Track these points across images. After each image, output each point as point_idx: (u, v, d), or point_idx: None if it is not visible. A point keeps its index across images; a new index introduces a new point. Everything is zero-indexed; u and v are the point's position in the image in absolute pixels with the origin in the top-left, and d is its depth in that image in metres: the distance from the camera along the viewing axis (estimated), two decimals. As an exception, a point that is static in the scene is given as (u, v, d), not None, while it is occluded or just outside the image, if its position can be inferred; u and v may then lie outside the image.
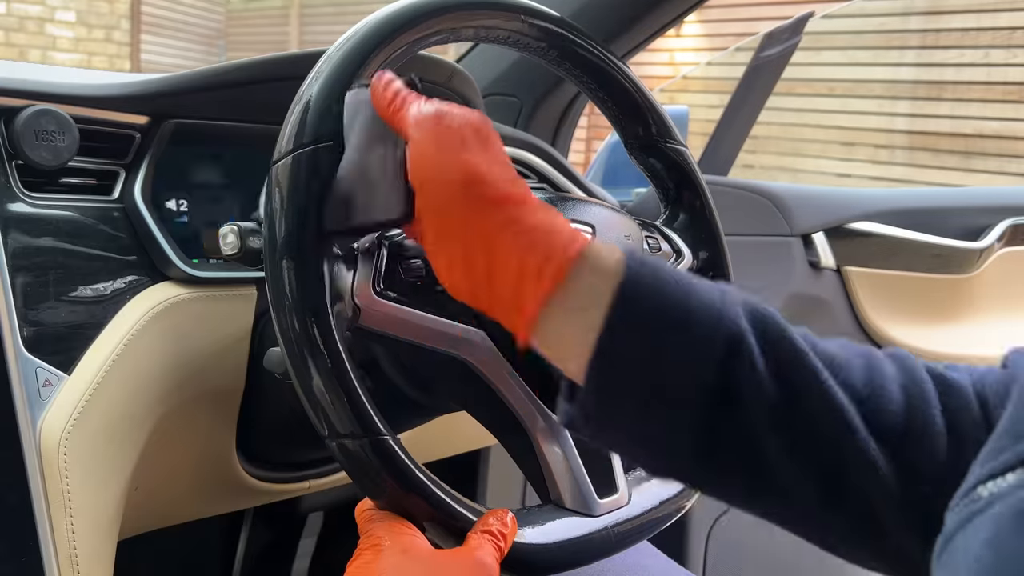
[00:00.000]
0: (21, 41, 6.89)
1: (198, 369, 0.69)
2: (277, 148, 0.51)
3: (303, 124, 0.51)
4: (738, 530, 1.26)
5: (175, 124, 0.71)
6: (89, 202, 0.67)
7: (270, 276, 0.50)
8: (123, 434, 0.65)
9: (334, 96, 0.51)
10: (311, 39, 8.67)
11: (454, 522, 0.51)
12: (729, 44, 5.46)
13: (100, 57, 7.45)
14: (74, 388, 0.62)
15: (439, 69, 0.82)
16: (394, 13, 0.54)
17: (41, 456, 0.60)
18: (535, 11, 0.61)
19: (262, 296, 0.71)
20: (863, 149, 5.29)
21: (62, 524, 0.61)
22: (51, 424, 0.61)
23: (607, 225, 0.62)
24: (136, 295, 0.67)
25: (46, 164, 0.64)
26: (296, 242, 0.49)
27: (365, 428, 0.49)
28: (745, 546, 1.28)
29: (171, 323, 0.67)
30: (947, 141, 4.96)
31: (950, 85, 4.93)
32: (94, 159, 0.68)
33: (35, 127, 0.64)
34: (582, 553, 0.56)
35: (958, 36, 4.87)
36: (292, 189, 0.50)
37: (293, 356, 0.49)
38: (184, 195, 0.74)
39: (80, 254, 0.65)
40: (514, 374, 0.56)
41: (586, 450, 0.57)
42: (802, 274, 1.32)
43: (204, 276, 0.69)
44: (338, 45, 0.53)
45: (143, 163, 0.70)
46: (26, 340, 0.61)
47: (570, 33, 0.63)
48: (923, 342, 1.43)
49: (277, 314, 0.49)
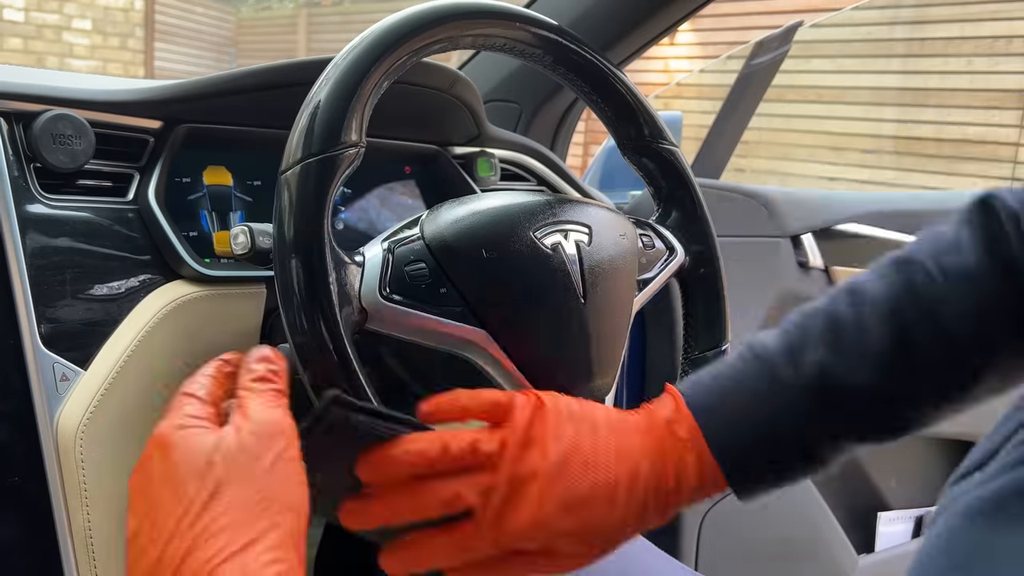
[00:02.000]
0: (39, 48, 6.88)
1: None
2: (286, 155, 0.51)
3: (311, 133, 0.51)
4: (730, 522, 1.26)
5: (187, 128, 0.71)
6: (104, 203, 0.67)
7: (279, 275, 0.50)
8: (137, 427, 0.65)
9: (342, 101, 0.51)
10: (318, 47, 8.66)
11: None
12: (721, 52, 5.46)
13: (115, 64, 7.44)
14: (90, 383, 0.62)
15: (441, 75, 0.82)
16: (399, 22, 0.54)
17: (58, 448, 0.61)
18: (534, 20, 0.61)
19: (271, 294, 0.71)
20: (851, 154, 5.29)
21: (78, 513, 0.61)
22: (68, 417, 0.61)
23: (603, 225, 0.62)
24: (150, 293, 0.67)
25: (63, 167, 0.64)
26: (304, 243, 0.49)
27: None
28: (737, 537, 1.28)
29: (183, 320, 0.67)
30: (932, 146, 4.96)
31: (934, 92, 4.93)
32: (109, 162, 0.68)
33: (53, 131, 0.64)
34: None
35: (942, 45, 4.87)
36: (301, 193, 0.50)
37: (301, 353, 0.49)
38: (196, 197, 0.74)
39: (96, 253, 0.65)
40: (516, 371, 0.56)
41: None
42: (791, 274, 1.32)
43: (215, 275, 0.69)
44: (345, 53, 0.53)
45: (157, 166, 0.70)
46: (44, 336, 0.61)
47: (567, 41, 0.63)
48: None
49: (286, 312, 0.50)
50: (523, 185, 0.96)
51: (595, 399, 0.59)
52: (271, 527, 0.38)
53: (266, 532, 0.38)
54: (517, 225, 0.57)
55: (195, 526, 0.38)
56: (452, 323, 0.55)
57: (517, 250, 0.56)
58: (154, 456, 0.41)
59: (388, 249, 0.55)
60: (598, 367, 0.59)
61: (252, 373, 0.45)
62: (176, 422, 0.42)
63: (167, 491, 0.39)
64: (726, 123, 1.58)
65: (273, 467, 0.40)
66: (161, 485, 0.40)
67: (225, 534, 0.38)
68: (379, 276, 0.54)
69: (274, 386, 0.44)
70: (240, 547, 0.37)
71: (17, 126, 0.64)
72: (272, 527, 0.39)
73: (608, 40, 1.04)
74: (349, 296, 0.51)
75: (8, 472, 0.61)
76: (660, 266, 0.68)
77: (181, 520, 0.38)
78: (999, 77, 4.65)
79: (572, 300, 0.58)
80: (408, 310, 0.53)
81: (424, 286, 0.55)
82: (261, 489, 0.39)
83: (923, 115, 4.98)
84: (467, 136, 0.91)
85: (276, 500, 0.39)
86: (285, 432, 0.42)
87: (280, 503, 0.40)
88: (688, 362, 0.70)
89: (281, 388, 0.45)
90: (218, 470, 0.39)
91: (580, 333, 0.58)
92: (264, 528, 0.38)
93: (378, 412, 0.45)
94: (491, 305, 0.55)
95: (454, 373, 0.56)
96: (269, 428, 0.41)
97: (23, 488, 0.61)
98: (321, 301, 0.49)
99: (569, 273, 0.58)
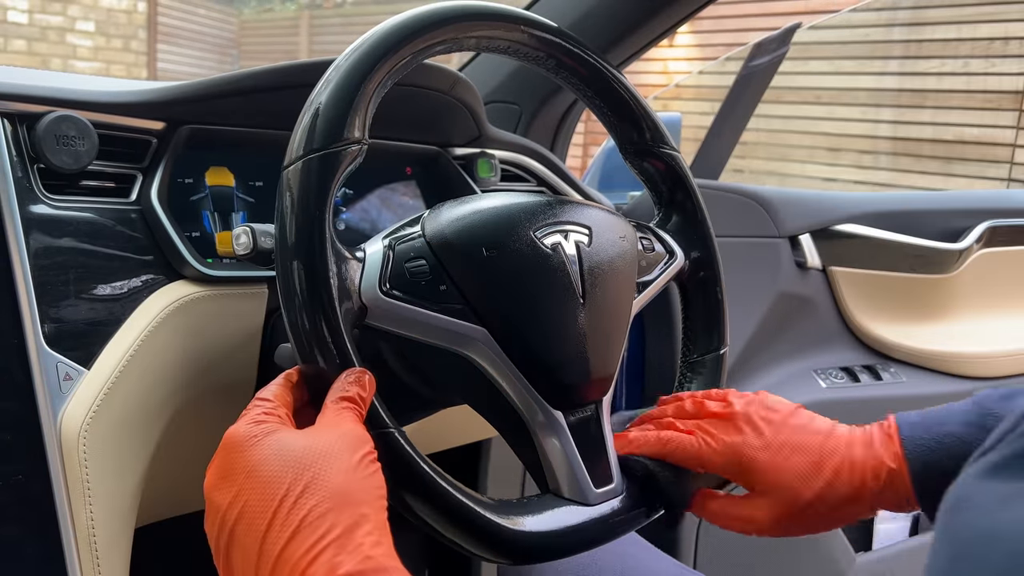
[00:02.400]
0: (43, 50, 6.88)
1: (212, 364, 0.69)
2: (288, 153, 0.51)
3: (313, 130, 0.51)
4: (728, 519, 1.26)
5: (190, 130, 0.71)
6: (108, 204, 0.67)
7: (281, 275, 0.50)
8: (140, 425, 0.65)
9: (344, 100, 0.51)
10: (320, 48, 8.65)
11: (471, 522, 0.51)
12: (720, 54, 5.46)
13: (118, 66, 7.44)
14: (93, 382, 0.62)
15: (442, 77, 0.82)
16: (400, 24, 0.54)
17: (62, 447, 0.60)
18: (535, 22, 0.61)
19: (273, 294, 0.71)
20: (848, 154, 5.29)
21: (82, 512, 0.61)
22: (71, 416, 0.61)
23: (603, 226, 0.62)
24: (152, 293, 0.67)
25: (67, 168, 0.64)
26: (306, 243, 0.49)
27: (371, 422, 0.49)
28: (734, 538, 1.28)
29: (186, 320, 0.67)
30: (928, 147, 4.96)
31: (931, 93, 4.93)
32: (112, 163, 0.68)
33: (56, 132, 0.64)
34: (579, 540, 0.56)
35: (939, 47, 4.87)
36: (302, 192, 0.50)
37: (303, 351, 0.49)
38: (199, 197, 0.74)
39: (99, 254, 0.65)
40: (514, 369, 0.56)
41: (583, 442, 0.57)
42: (789, 274, 1.32)
43: (217, 275, 0.69)
44: (347, 54, 0.53)
45: (159, 167, 0.70)
46: (47, 336, 0.61)
47: (568, 43, 0.63)
48: (904, 339, 1.43)
49: (287, 311, 0.49)
50: (523, 186, 0.96)
51: (592, 399, 0.59)
52: (364, 517, 0.41)
53: (363, 519, 0.41)
54: (517, 225, 0.57)
55: (291, 516, 0.40)
56: (451, 320, 0.54)
57: (517, 249, 0.56)
58: (233, 455, 0.44)
59: (389, 246, 0.55)
60: (596, 367, 0.59)
61: (344, 392, 0.48)
62: (254, 422, 0.45)
63: (256, 485, 0.42)
64: (725, 124, 1.58)
65: (357, 468, 0.43)
66: (247, 481, 0.42)
67: (325, 521, 0.40)
68: (379, 272, 0.53)
69: (359, 409, 0.48)
70: (342, 531, 0.40)
71: (21, 127, 0.64)
72: (365, 516, 0.41)
73: (608, 42, 1.04)
74: (349, 291, 0.51)
75: (12, 470, 0.61)
76: (660, 269, 0.68)
77: (276, 512, 0.40)
78: (996, 79, 4.65)
79: (571, 300, 0.58)
80: (407, 306, 0.53)
81: (424, 283, 0.54)
82: (349, 484, 0.42)
83: (920, 116, 4.98)
84: (468, 137, 0.91)
85: (364, 495, 0.42)
86: (368, 443, 0.45)
87: (367, 498, 0.42)
88: (686, 364, 0.70)
89: (364, 413, 0.48)
90: (309, 464, 0.42)
91: (579, 333, 0.58)
92: (360, 516, 0.41)
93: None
94: (490, 303, 0.55)
95: (453, 370, 0.56)
96: (353, 436, 0.45)
97: (27, 486, 0.61)
98: (322, 297, 0.49)
99: (568, 273, 0.58)
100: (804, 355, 1.38)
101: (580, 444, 0.57)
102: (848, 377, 1.40)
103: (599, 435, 0.59)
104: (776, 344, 1.34)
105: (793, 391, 1.36)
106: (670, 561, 0.78)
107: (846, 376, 1.40)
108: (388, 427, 0.49)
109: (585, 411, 0.59)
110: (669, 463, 0.60)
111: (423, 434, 0.68)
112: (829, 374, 1.39)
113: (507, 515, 0.52)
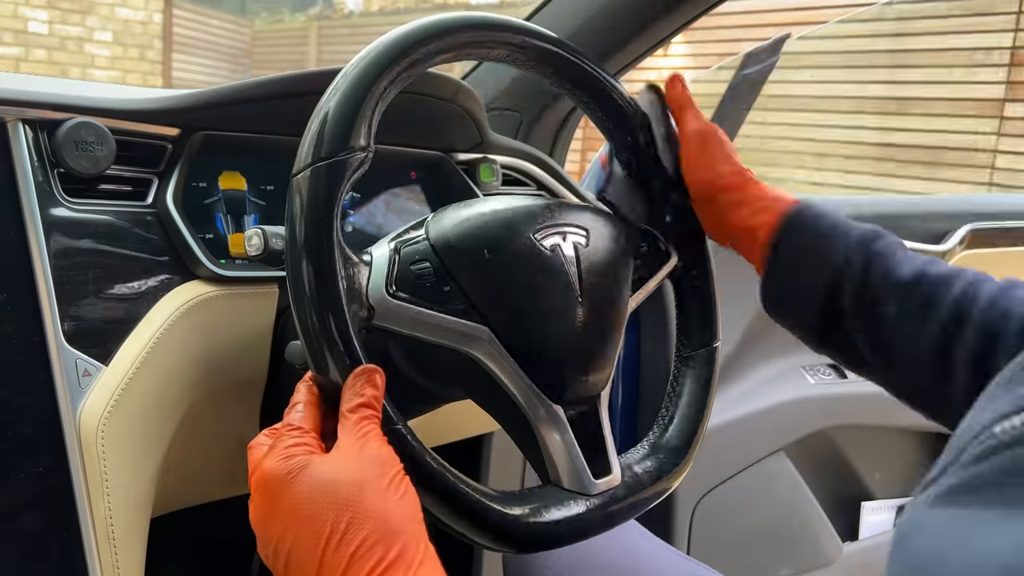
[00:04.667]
0: (62, 59, 6.88)
1: (224, 361, 0.69)
2: (297, 160, 0.51)
3: (321, 138, 0.51)
4: (721, 509, 1.26)
5: (204, 136, 0.71)
6: (125, 207, 0.67)
7: (291, 275, 0.50)
8: (156, 420, 0.65)
9: (351, 108, 0.51)
10: (328, 58, 8.66)
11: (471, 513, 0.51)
12: (712, 63, 5.46)
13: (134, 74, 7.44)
14: (111, 378, 0.62)
15: (446, 85, 0.82)
16: (405, 34, 0.54)
17: (81, 440, 0.61)
18: (535, 32, 0.61)
19: (283, 294, 0.71)
20: (835, 160, 5.29)
21: (100, 503, 0.61)
22: (90, 411, 0.61)
23: (600, 228, 0.62)
24: (167, 293, 0.67)
25: (85, 172, 0.64)
26: (315, 246, 0.49)
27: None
28: (728, 524, 1.28)
29: (200, 319, 0.67)
30: (912, 152, 4.96)
31: (915, 101, 4.93)
32: (129, 167, 0.68)
33: (75, 138, 0.64)
34: (580, 529, 0.56)
35: (923, 56, 4.87)
36: (311, 199, 0.50)
37: (312, 349, 0.49)
38: (212, 200, 0.74)
39: (116, 255, 0.65)
40: (516, 366, 0.56)
41: (582, 435, 0.57)
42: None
43: (230, 275, 0.69)
44: (354, 63, 0.53)
45: (174, 171, 0.70)
46: (67, 333, 0.61)
47: (566, 52, 0.63)
48: (890, 337, 1.43)
49: (297, 310, 0.49)
50: (523, 190, 0.96)
51: (591, 394, 0.59)
52: (410, 536, 0.42)
53: (409, 539, 0.42)
54: (518, 227, 0.57)
55: (339, 553, 0.40)
56: (456, 320, 0.54)
57: (517, 251, 0.56)
58: (272, 495, 0.43)
59: (395, 249, 0.55)
60: (594, 363, 0.59)
61: (359, 397, 0.47)
62: (285, 457, 0.44)
63: (302, 525, 0.42)
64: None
65: (389, 490, 0.43)
66: (291, 520, 0.42)
67: (374, 554, 0.40)
68: (386, 274, 0.53)
69: (376, 413, 0.47)
70: (395, 556, 0.41)
71: (42, 133, 0.64)
72: (411, 535, 0.42)
73: (605, 52, 1.04)
74: (357, 293, 0.51)
75: (33, 463, 0.61)
76: (654, 268, 0.68)
77: (325, 551, 0.41)
78: (978, 87, 4.65)
79: (570, 299, 0.58)
80: (413, 307, 0.53)
81: (429, 284, 0.54)
82: (388, 510, 0.42)
83: (905, 123, 4.98)
84: (470, 143, 0.91)
85: (402, 517, 0.43)
86: (395, 462, 0.45)
87: (406, 519, 0.43)
88: (680, 360, 0.70)
89: (378, 413, 0.47)
90: (346, 499, 0.42)
91: (577, 330, 0.58)
92: (406, 538, 0.42)
93: None
94: (492, 302, 0.55)
95: (457, 368, 0.56)
96: (378, 458, 0.44)
97: (47, 478, 0.61)
98: (331, 298, 0.49)
99: (567, 273, 0.58)
100: (792, 352, 1.38)
101: (580, 437, 0.57)
102: (836, 373, 1.40)
103: (598, 428, 0.59)
104: (766, 342, 1.34)
105: (782, 387, 1.36)
106: (666, 548, 0.79)
107: (833, 372, 1.40)
108: (394, 423, 0.49)
109: (584, 405, 0.59)
110: (654, 463, 0.62)
111: (427, 428, 0.68)
112: (817, 370, 1.39)
113: (511, 506, 0.52)
